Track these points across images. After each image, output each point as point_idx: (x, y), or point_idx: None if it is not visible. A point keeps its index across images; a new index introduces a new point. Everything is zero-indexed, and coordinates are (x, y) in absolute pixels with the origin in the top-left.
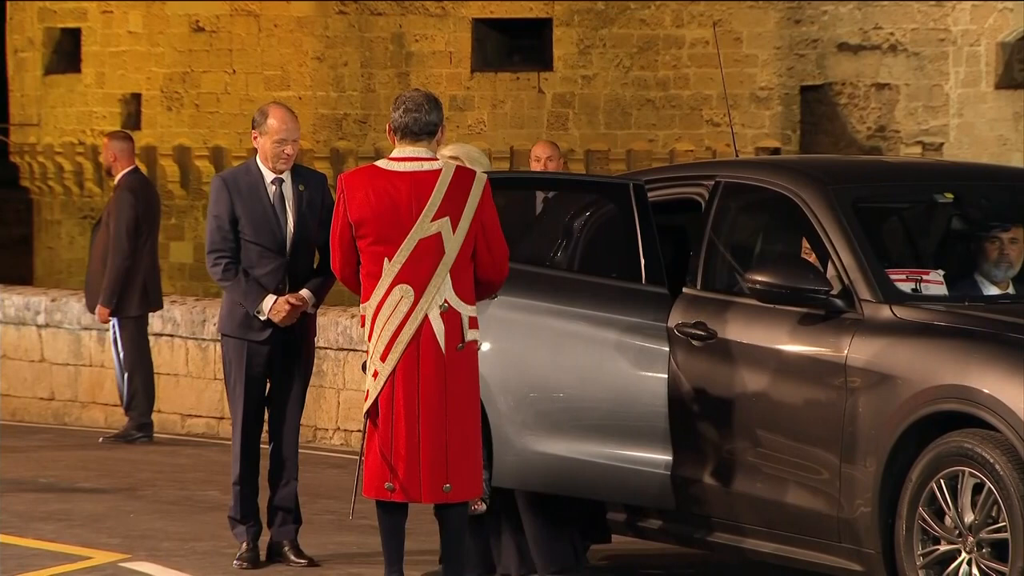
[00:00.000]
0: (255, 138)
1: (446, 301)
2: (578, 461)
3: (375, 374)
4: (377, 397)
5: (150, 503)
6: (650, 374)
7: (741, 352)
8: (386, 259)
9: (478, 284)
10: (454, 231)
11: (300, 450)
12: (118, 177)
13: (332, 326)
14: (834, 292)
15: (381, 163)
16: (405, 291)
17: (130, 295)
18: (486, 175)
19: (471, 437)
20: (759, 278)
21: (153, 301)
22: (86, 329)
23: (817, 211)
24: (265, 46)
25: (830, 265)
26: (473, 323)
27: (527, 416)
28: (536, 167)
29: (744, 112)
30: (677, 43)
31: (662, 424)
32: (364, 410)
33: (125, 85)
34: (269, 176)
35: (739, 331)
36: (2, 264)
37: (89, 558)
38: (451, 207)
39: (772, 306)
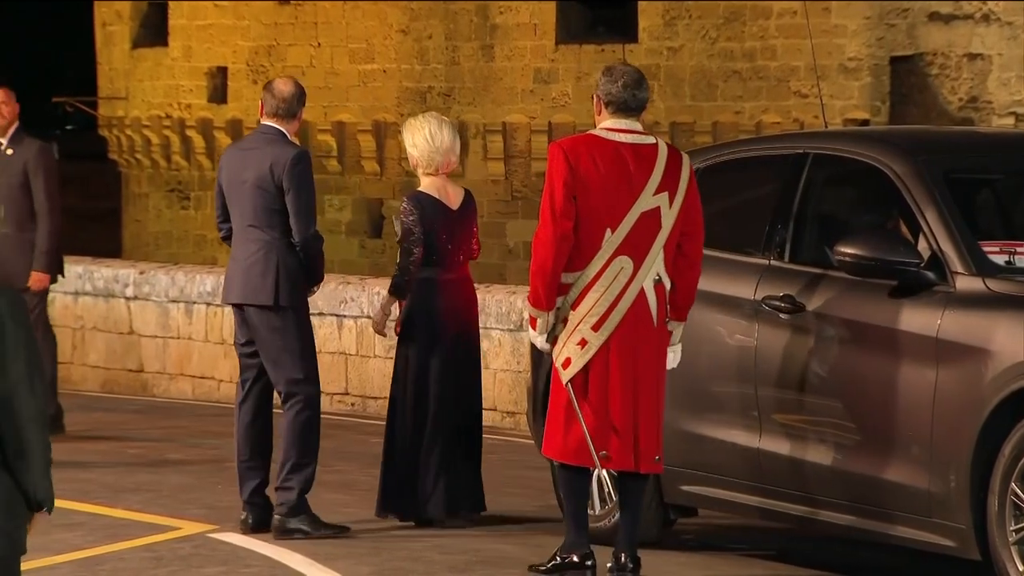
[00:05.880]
0: None
1: (659, 275)
2: (665, 435)
3: (582, 343)
4: (587, 366)
5: (236, 475)
6: (737, 347)
7: (829, 325)
8: (608, 230)
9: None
10: (670, 206)
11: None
12: (10, 133)
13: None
14: (925, 265)
15: (600, 132)
16: (625, 263)
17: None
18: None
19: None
20: (848, 250)
21: (60, 266)
22: (173, 301)
23: (908, 183)
24: (350, 19)
25: (921, 237)
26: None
27: None
28: None
29: (832, 83)
30: (764, 13)
31: (749, 398)
32: (566, 379)
33: (211, 58)
34: None
35: (827, 304)
36: (91, 237)
37: (177, 528)
38: (669, 183)
39: (861, 279)
